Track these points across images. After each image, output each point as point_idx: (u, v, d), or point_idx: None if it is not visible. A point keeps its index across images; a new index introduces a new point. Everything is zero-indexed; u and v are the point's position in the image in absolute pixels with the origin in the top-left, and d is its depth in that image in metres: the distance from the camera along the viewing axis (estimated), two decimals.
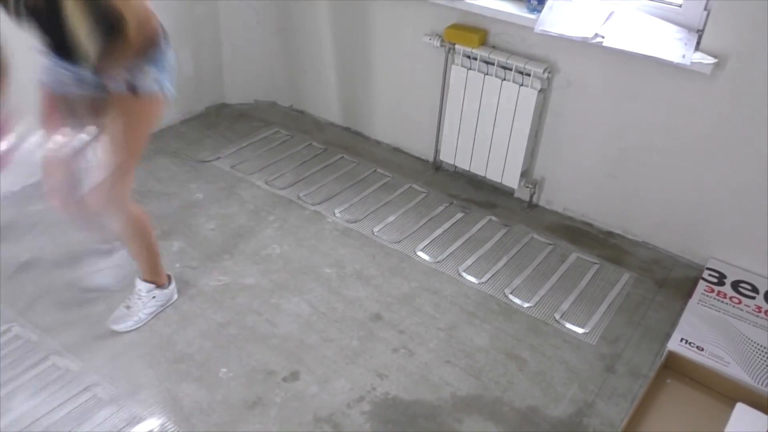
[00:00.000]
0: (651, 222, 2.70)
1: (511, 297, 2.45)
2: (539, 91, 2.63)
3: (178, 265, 2.49)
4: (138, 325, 2.20)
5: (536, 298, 2.45)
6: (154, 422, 1.90)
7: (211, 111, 3.58)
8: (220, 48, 3.49)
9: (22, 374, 2.02)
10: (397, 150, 3.33)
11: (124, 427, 1.88)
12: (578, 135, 2.71)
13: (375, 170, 3.15)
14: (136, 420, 1.90)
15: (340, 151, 3.28)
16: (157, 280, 2.23)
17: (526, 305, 2.41)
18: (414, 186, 3.04)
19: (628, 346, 2.27)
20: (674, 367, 2.16)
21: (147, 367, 2.08)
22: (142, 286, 2.20)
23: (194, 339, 2.20)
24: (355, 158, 3.23)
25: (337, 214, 2.83)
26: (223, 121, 3.49)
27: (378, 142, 3.38)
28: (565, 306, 2.42)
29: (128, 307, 2.20)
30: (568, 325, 2.34)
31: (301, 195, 2.94)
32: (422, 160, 3.25)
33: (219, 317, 2.29)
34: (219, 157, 3.16)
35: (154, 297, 2.22)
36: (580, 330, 2.32)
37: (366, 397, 2.03)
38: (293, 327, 2.27)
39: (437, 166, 3.18)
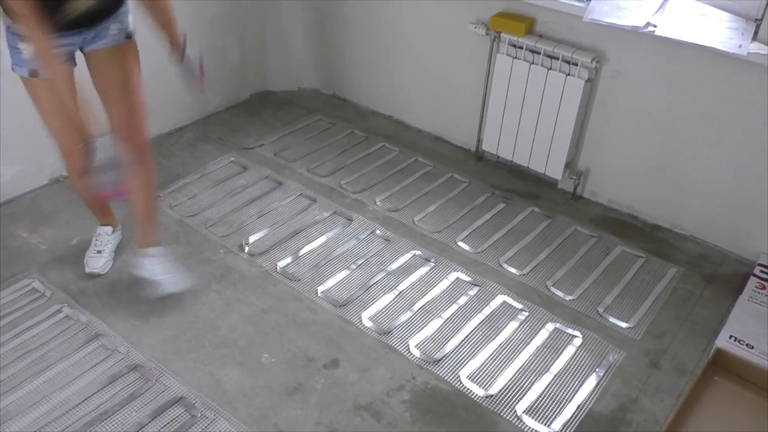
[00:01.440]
0: (700, 216, 2.63)
1: (553, 289, 2.42)
2: (586, 80, 2.58)
3: (221, 251, 2.53)
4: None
5: (579, 291, 2.41)
6: (198, 405, 1.93)
7: (255, 98, 3.61)
8: (266, 36, 3.51)
9: (72, 354, 2.08)
10: (438, 139, 3.31)
11: (169, 408, 1.92)
12: (626, 126, 2.65)
13: (416, 159, 3.13)
14: (180, 402, 1.94)
15: (381, 139, 3.28)
16: None
17: (568, 298, 2.38)
18: (455, 175, 3.02)
19: (674, 342, 2.22)
20: (722, 365, 2.10)
21: (192, 350, 2.12)
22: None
23: (237, 324, 2.23)
24: (397, 147, 3.22)
25: (378, 203, 2.83)
26: (266, 108, 3.52)
27: (420, 131, 3.36)
28: (608, 300, 2.38)
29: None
30: (612, 319, 2.30)
31: (342, 183, 2.95)
32: (464, 149, 3.22)
33: (261, 303, 2.31)
34: (262, 144, 3.19)
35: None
36: (624, 324, 2.28)
37: (406, 386, 2.04)
38: (333, 314, 2.28)
39: (479, 156, 3.16)
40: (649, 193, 2.72)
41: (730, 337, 2.14)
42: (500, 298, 2.37)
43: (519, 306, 2.34)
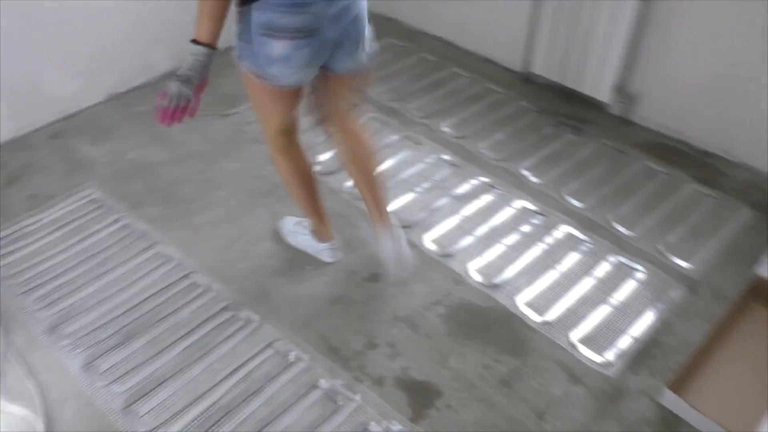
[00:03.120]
0: (753, 143, 2.56)
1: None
2: None
3: (268, 167, 2.61)
4: (289, 242, 2.29)
5: (620, 213, 2.41)
6: (245, 311, 2.06)
7: None
8: None
9: (129, 260, 2.22)
10: (487, 60, 3.26)
11: (218, 312, 2.06)
12: (682, 48, 2.56)
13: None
14: (229, 306, 2.08)
15: (451, 63, 3.25)
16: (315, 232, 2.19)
17: (627, 232, 2.37)
18: (524, 103, 2.97)
19: (713, 269, 2.22)
20: (761, 293, 2.10)
21: (242, 260, 2.24)
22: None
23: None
24: (467, 72, 3.18)
25: (445, 128, 2.83)
26: None
27: (468, 52, 3.32)
28: (650, 224, 2.38)
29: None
30: (657, 246, 2.30)
31: (410, 107, 2.95)
32: (511, 70, 3.18)
33: None
34: None
35: (304, 235, 2.23)
36: (661, 247, 2.28)
37: (442, 301, 2.11)
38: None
39: (527, 78, 3.11)
40: (700, 119, 2.65)
41: None
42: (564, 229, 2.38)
43: (582, 237, 2.34)
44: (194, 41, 1.56)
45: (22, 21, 2.52)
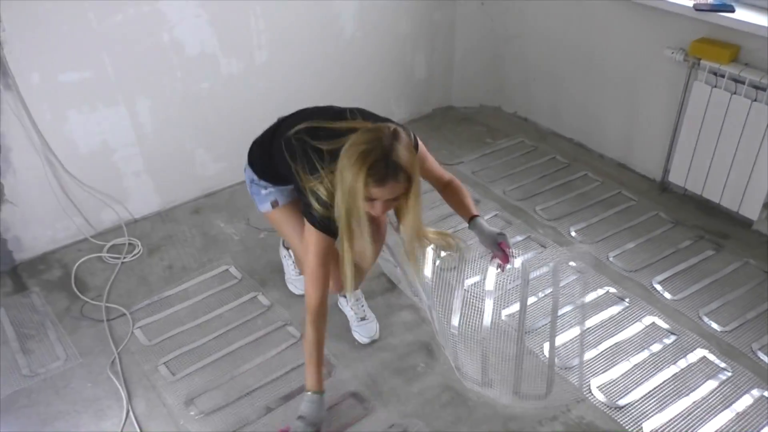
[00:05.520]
0: None
1: (709, 323, 2.22)
2: None
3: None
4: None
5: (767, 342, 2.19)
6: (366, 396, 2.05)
7: (437, 113, 3.70)
8: (453, 52, 3.59)
9: (255, 332, 2.29)
10: (622, 166, 3.17)
11: (343, 400, 2.06)
12: None
13: (619, 192, 2.99)
14: (353, 395, 2.08)
15: (583, 167, 3.21)
16: None
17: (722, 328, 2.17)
18: (661, 214, 2.84)
19: None
20: None
21: (355, 349, 2.25)
22: (357, 294, 2.32)
23: (400, 333, 2.31)
24: (600, 177, 3.12)
25: (573, 233, 2.75)
26: (447, 123, 3.60)
27: (602, 156, 3.25)
28: None
29: (364, 318, 2.30)
30: None
31: (537, 209, 2.90)
32: (648, 178, 3.06)
33: (423, 314, 2.38)
34: (462, 161, 3.24)
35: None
36: None
37: (560, 418, 1.99)
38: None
39: (664, 187, 2.98)
40: None
41: None
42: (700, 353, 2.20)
43: (722, 365, 2.15)
44: (307, 391, 1.89)
45: (182, 105, 2.77)
